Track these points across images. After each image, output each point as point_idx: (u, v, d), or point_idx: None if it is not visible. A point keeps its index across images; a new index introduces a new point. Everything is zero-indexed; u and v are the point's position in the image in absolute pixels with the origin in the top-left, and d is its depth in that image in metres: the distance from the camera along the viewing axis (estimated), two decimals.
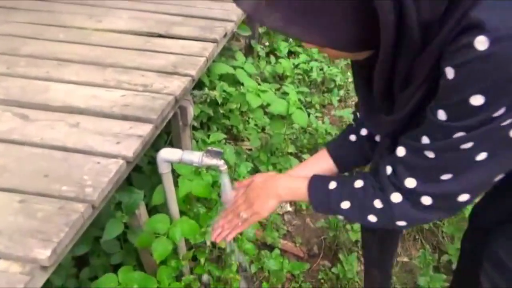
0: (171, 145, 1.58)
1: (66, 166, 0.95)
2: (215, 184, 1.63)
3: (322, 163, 1.03)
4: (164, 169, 1.20)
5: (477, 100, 0.55)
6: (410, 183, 0.71)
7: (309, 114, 2.40)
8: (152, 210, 1.50)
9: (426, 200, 0.71)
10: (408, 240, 1.90)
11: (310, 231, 1.96)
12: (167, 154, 1.16)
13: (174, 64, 1.46)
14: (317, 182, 0.88)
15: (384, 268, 1.33)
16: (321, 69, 2.93)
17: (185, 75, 1.40)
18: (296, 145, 2.41)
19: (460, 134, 0.60)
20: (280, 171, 2.14)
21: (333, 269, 1.70)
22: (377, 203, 0.77)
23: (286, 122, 2.12)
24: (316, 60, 3.07)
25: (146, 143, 1.09)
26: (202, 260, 1.51)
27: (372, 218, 0.79)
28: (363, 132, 1.00)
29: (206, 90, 1.69)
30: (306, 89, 2.66)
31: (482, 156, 0.61)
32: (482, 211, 1.13)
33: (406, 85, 0.67)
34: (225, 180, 1.11)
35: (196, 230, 1.25)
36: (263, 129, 2.49)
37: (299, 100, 2.06)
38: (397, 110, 0.72)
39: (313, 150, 2.44)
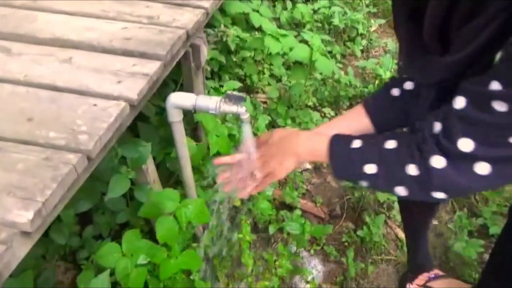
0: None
1: (55, 108, 0.77)
2: (231, 138, 1.46)
3: (355, 121, 0.87)
4: (175, 117, 1.02)
5: None
6: (466, 145, 0.56)
7: None
8: (160, 165, 1.35)
9: (482, 168, 0.56)
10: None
11: (332, 190, 1.81)
12: (178, 99, 0.98)
13: None
14: (339, 140, 0.73)
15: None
16: (344, 14, 2.65)
17: (197, 7, 1.18)
18: (316, 97, 2.20)
19: None
20: (299, 125, 1.95)
21: (358, 232, 1.56)
22: (412, 169, 0.62)
23: (307, 70, 1.91)
24: (336, 6, 2.78)
25: (153, 84, 0.90)
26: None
27: (401, 190, 0.65)
28: (408, 85, 0.83)
29: (222, 27, 1.45)
30: (327, 37, 2.40)
31: None
32: None
33: (470, 16, 0.52)
34: (246, 130, 0.95)
35: (207, 215, 1.09)
36: (279, 80, 2.27)
37: None
38: (456, 49, 0.57)
39: (333, 104, 2.24)
